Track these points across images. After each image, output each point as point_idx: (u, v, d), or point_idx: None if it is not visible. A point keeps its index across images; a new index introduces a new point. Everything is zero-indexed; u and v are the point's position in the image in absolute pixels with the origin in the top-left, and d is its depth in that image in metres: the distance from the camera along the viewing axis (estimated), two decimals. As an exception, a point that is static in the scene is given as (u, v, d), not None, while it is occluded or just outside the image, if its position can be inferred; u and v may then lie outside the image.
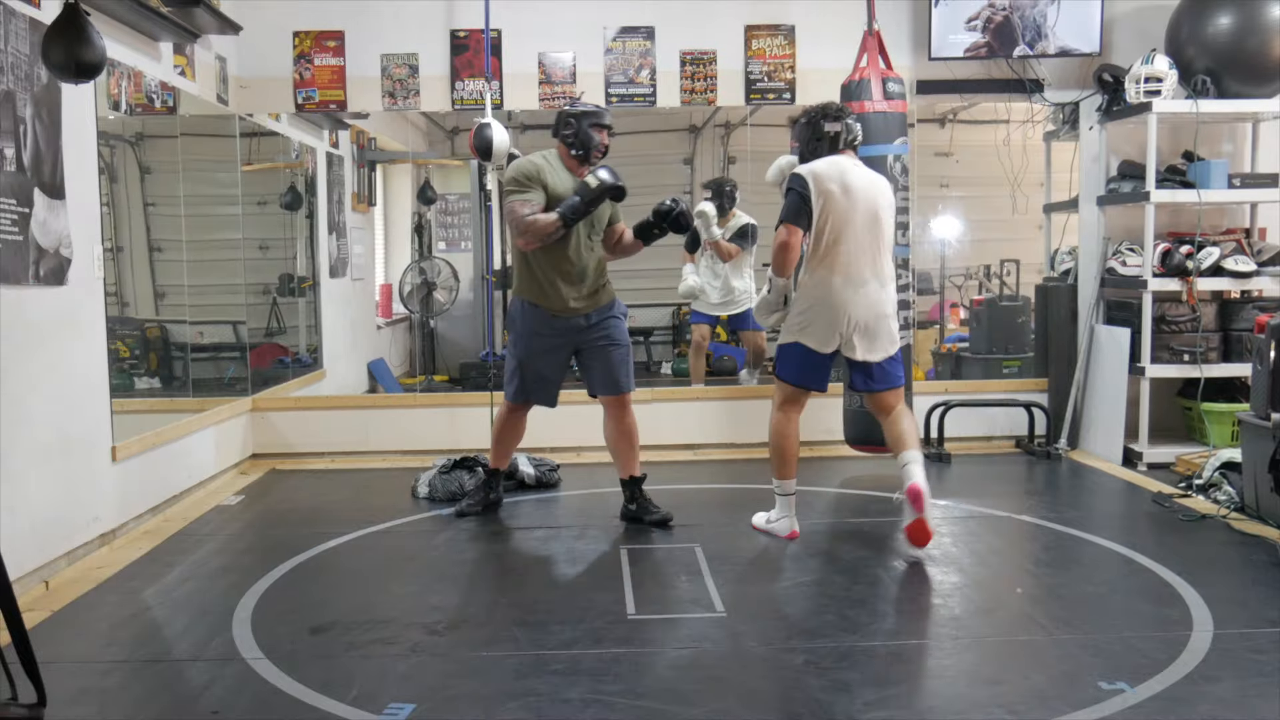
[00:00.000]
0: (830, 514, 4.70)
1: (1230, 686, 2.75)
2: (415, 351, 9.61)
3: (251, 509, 4.91)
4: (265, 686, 2.84)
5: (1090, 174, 6.02)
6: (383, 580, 3.84)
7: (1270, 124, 5.86)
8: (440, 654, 3.05)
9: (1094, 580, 3.71)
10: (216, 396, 5.65)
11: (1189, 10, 5.59)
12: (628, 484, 4.53)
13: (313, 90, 5.91)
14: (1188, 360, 5.47)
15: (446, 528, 4.51)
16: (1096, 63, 5.87)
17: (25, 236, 3.68)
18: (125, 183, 5.02)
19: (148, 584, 3.77)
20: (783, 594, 3.64)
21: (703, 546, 4.07)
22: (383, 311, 9.14)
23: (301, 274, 7.16)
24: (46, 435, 3.84)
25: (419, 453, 5.79)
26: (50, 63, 3.26)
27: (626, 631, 3.22)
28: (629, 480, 4.52)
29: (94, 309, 4.23)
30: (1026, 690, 2.76)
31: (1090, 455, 5.72)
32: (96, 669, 2.98)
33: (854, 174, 4.12)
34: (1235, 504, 4.52)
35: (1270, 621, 3.21)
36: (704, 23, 5.94)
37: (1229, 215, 5.93)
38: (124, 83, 4.64)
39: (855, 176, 4.12)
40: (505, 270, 9.17)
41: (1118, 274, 5.71)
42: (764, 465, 5.69)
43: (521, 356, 4.44)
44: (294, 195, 6.99)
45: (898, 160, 5.26)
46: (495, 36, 5.87)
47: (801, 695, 2.75)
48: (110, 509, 4.29)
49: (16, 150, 3.62)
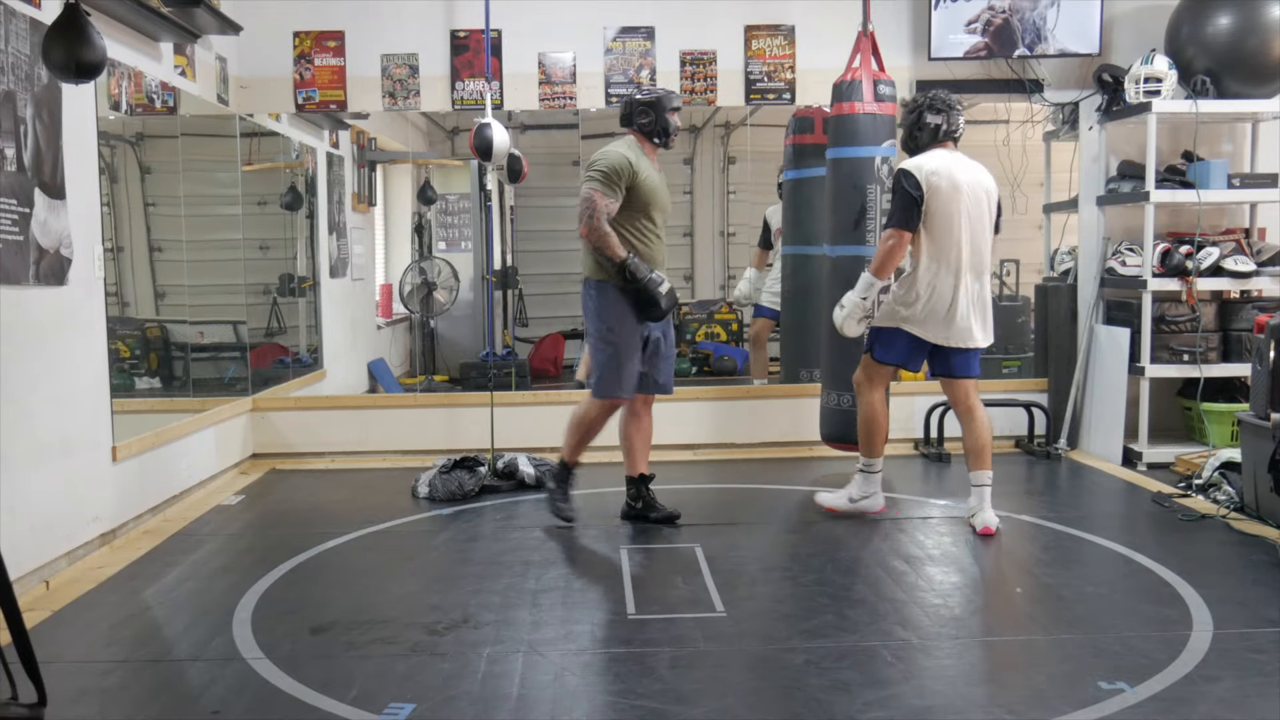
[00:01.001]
0: (831, 514, 4.69)
1: (1230, 686, 2.75)
2: (415, 351, 9.62)
3: (251, 509, 4.91)
4: (265, 686, 2.84)
5: (1090, 174, 6.02)
6: (383, 580, 3.85)
7: (1270, 124, 5.86)
8: (440, 654, 3.05)
9: (1094, 580, 3.71)
10: (216, 396, 5.65)
11: (1189, 10, 5.59)
12: (636, 481, 4.50)
13: (313, 90, 5.92)
14: (1187, 360, 5.47)
15: (446, 528, 4.51)
16: (1096, 63, 5.87)
17: (26, 236, 3.68)
18: (125, 183, 5.02)
19: (148, 584, 3.77)
20: (783, 594, 3.64)
21: (703, 546, 4.07)
22: (383, 311, 9.14)
23: (302, 274, 7.16)
24: (46, 435, 3.84)
25: (419, 453, 5.79)
26: (51, 63, 3.26)
27: (626, 631, 3.22)
28: (639, 478, 4.50)
29: (94, 309, 4.23)
30: (1026, 690, 2.77)
31: (1090, 455, 5.72)
32: (96, 669, 2.98)
33: (959, 167, 4.24)
34: (1235, 504, 4.52)
35: (1270, 621, 3.21)
36: (704, 23, 5.94)
37: (1228, 215, 5.93)
38: (124, 83, 4.64)
39: (961, 169, 4.24)
40: (505, 270, 9.22)
41: (1117, 274, 5.71)
42: (763, 465, 5.71)
43: (620, 342, 4.29)
44: (294, 195, 6.99)
45: (885, 162, 5.26)
46: (495, 36, 5.87)
47: (801, 695, 2.75)
48: (110, 509, 4.29)
49: (17, 150, 3.63)
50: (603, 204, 4.18)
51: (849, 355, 5.05)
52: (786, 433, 6.05)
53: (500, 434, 5.32)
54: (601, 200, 4.17)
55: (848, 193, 5.25)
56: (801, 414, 5.91)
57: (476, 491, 4.98)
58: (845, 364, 5.13)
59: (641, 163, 4.26)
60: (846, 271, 5.12)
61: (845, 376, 5.25)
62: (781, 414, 6.12)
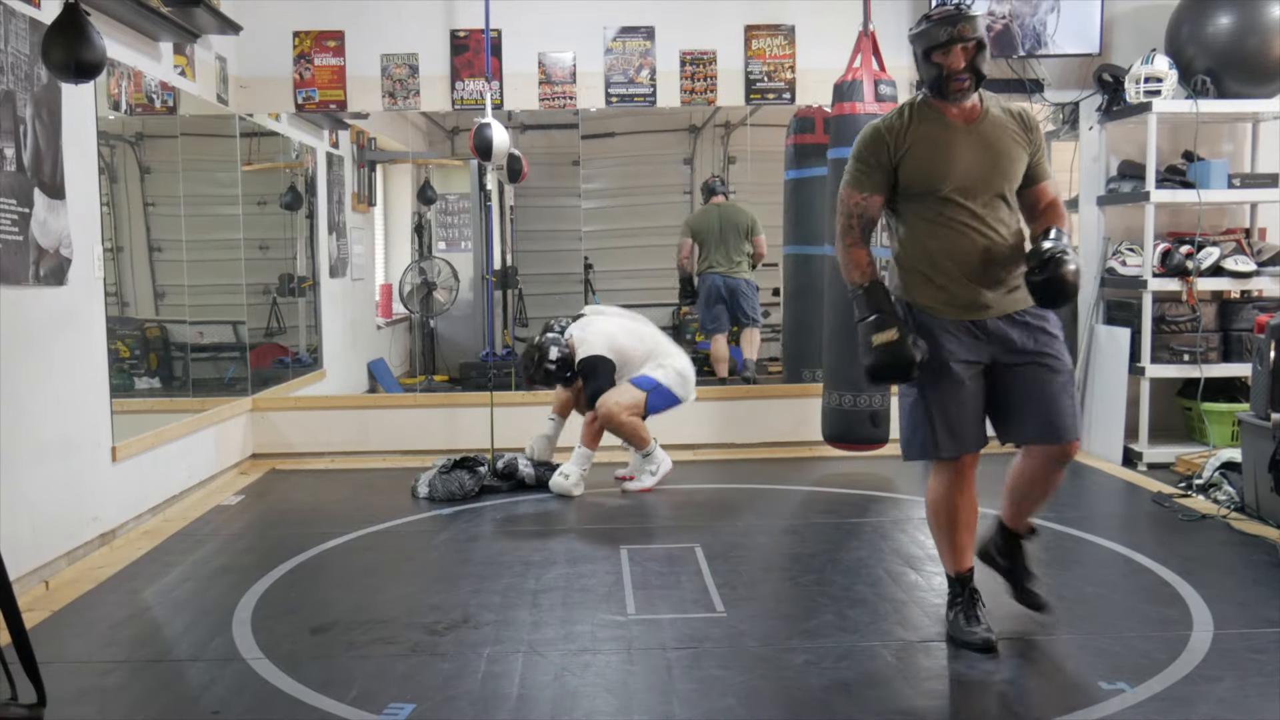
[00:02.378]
0: (831, 513, 4.69)
1: (1230, 686, 2.74)
2: (415, 351, 9.62)
3: (251, 509, 4.91)
4: (265, 686, 2.84)
5: (1090, 174, 6.02)
6: (383, 580, 3.84)
7: (1270, 124, 5.86)
8: (440, 654, 3.05)
9: (1094, 580, 3.71)
10: (216, 396, 5.65)
11: (1189, 10, 5.59)
12: (1013, 535, 3.28)
13: (313, 90, 5.91)
14: (1188, 360, 5.47)
15: (446, 528, 4.51)
16: (1096, 63, 5.87)
17: (25, 236, 3.68)
18: (125, 182, 5.02)
19: (148, 584, 3.77)
20: (783, 594, 3.64)
21: (703, 546, 4.07)
22: (383, 311, 9.14)
23: (301, 274, 7.16)
24: (46, 435, 3.84)
25: (419, 453, 5.79)
26: (50, 62, 3.26)
27: (626, 632, 3.22)
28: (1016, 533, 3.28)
29: (94, 309, 4.23)
30: (1027, 690, 2.76)
31: (1090, 455, 5.71)
32: (96, 669, 2.98)
33: None
34: (1235, 504, 4.52)
35: (1270, 621, 3.21)
36: (704, 23, 5.93)
37: (1229, 215, 5.93)
38: (124, 83, 4.64)
39: None
40: (505, 270, 9.23)
41: (1118, 274, 5.71)
42: (763, 465, 5.71)
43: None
44: (294, 195, 6.99)
45: None
46: (495, 36, 5.87)
47: (801, 695, 2.75)
48: (110, 509, 4.29)
49: (17, 150, 3.62)
50: (849, 200, 3.05)
51: (850, 355, 5.04)
52: (787, 433, 6.05)
53: (500, 434, 5.31)
54: (848, 198, 3.06)
55: None
56: (802, 414, 5.90)
57: (476, 492, 4.98)
58: (847, 364, 5.14)
59: (919, 127, 2.99)
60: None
61: (847, 376, 5.26)
62: (782, 414, 6.11)
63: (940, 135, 2.98)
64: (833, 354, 5.40)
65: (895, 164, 2.99)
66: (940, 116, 2.99)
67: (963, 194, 2.96)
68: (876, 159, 3.00)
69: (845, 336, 5.26)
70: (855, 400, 5.29)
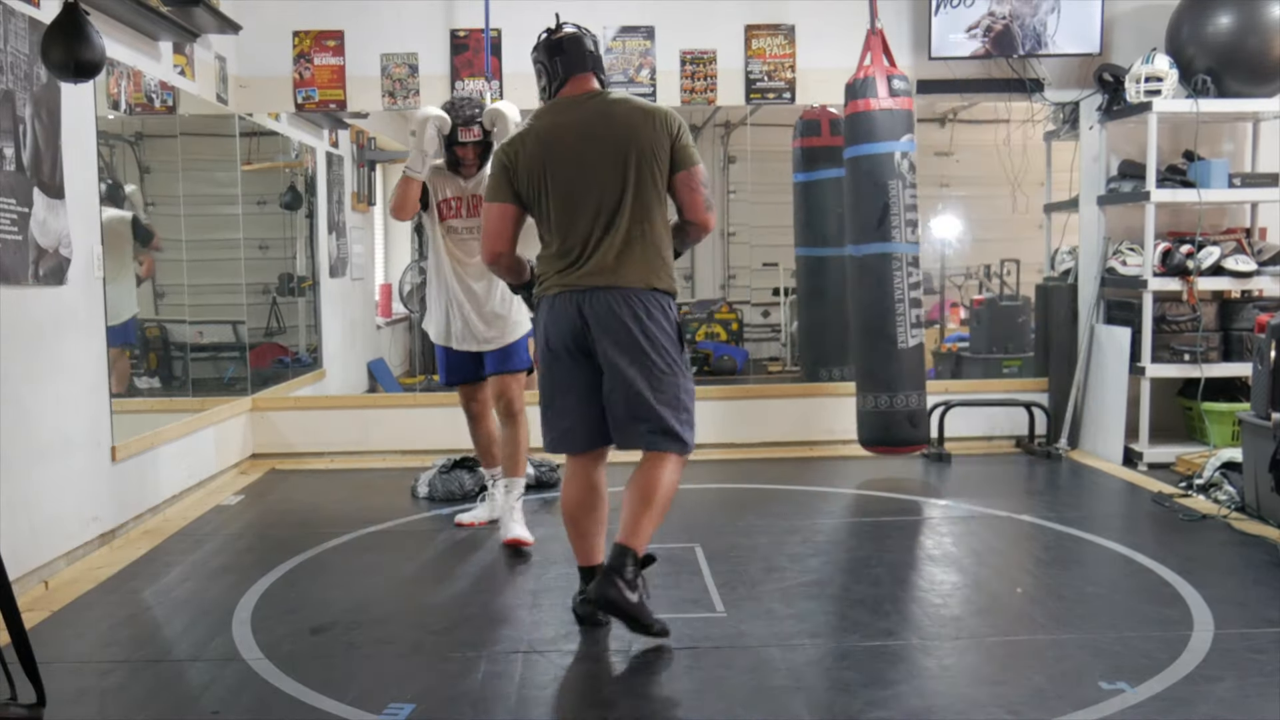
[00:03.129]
0: (831, 513, 4.69)
1: (1230, 686, 2.74)
2: (415, 351, 9.61)
3: (251, 509, 4.91)
4: (265, 686, 2.84)
5: (1090, 173, 6.01)
6: (383, 580, 3.84)
7: (1270, 124, 5.85)
8: (440, 654, 3.05)
9: (1094, 580, 3.71)
10: (216, 396, 5.65)
11: (1189, 10, 5.59)
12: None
13: (312, 90, 5.91)
14: (1188, 360, 5.46)
15: (446, 528, 4.50)
16: (1097, 62, 5.86)
17: (25, 236, 3.68)
18: (125, 182, 5.02)
19: (148, 584, 3.77)
20: (783, 594, 3.64)
21: (703, 546, 4.07)
22: (382, 311, 9.14)
23: (301, 274, 7.16)
24: (46, 435, 3.83)
25: (419, 453, 5.79)
26: (50, 62, 3.26)
27: (627, 632, 3.21)
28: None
29: (94, 309, 4.23)
30: (1026, 690, 2.76)
31: (1090, 455, 5.71)
32: (96, 669, 2.98)
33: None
34: (1236, 504, 4.52)
35: (1270, 621, 3.21)
36: (704, 22, 5.93)
37: (1229, 215, 5.93)
38: (124, 82, 4.64)
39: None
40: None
41: (1118, 274, 5.71)
42: (763, 465, 5.70)
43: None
44: (294, 195, 6.99)
45: (905, 157, 5.25)
46: (495, 36, 5.87)
47: (802, 695, 2.75)
48: (110, 509, 4.29)
49: (16, 150, 3.62)
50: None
51: (884, 357, 5.04)
52: (788, 433, 6.04)
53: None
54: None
55: (869, 190, 5.25)
56: (802, 414, 5.90)
57: (476, 491, 4.97)
58: (880, 366, 5.12)
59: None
60: (874, 270, 5.10)
61: (880, 378, 5.23)
62: (783, 414, 6.11)
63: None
64: (865, 357, 5.37)
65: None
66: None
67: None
68: None
69: (873, 338, 5.25)
70: (891, 401, 5.25)
